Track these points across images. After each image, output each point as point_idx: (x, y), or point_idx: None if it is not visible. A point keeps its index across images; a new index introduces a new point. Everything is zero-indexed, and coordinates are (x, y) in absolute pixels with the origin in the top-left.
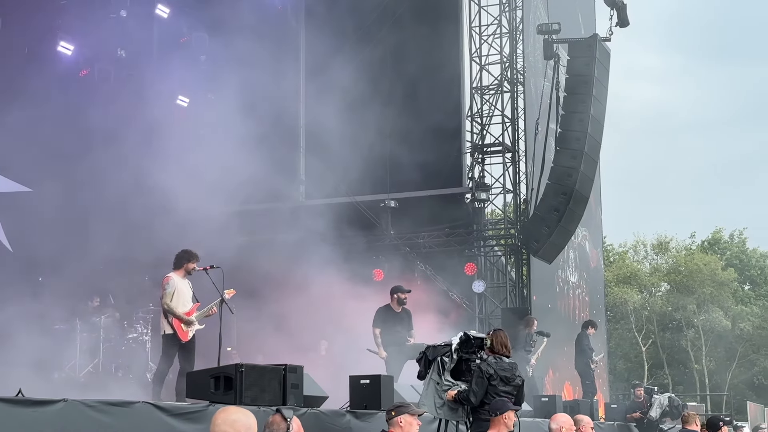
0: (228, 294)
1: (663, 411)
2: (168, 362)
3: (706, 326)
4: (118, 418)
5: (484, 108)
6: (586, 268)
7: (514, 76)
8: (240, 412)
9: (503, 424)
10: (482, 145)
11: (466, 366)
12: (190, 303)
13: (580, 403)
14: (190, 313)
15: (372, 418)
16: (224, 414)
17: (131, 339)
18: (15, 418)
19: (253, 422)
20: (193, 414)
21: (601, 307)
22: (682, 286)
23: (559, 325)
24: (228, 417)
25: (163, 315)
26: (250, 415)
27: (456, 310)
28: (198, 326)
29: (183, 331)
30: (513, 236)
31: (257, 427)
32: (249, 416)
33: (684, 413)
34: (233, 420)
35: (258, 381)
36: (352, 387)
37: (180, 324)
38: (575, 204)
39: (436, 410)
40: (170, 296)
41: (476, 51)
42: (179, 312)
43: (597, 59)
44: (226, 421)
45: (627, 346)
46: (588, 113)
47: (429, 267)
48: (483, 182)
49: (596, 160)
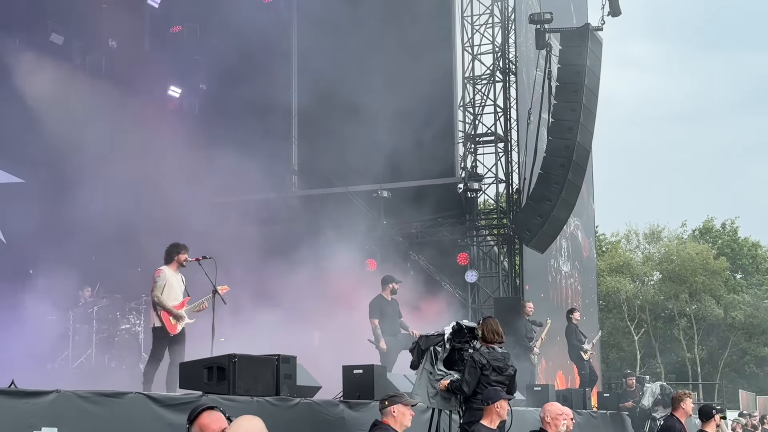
0: (222, 290)
1: (655, 400)
2: (158, 355)
3: (699, 315)
4: (111, 408)
5: (476, 98)
6: (579, 257)
7: (506, 66)
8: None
9: (495, 413)
10: (474, 134)
11: (459, 356)
12: (180, 297)
13: (573, 392)
14: (179, 306)
15: (365, 408)
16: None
17: (124, 330)
18: (8, 408)
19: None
20: (186, 404)
21: (594, 296)
22: (675, 275)
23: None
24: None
25: (153, 308)
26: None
27: (448, 300)
28: (188, 320)
29: (171, 324)
30: (505, 226)
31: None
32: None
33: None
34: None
35: (251, 371)
36: (346, 377)
37: (168, 317)
38: (567, 193)
39: (429, 400)
40: (161, 289)
41: (468, 41)
42: (169, 305)
43: (589, 49)
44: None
45: (619, 336)
46: (580, 103)
47: (422, 257)
48: (475, 172)
49: (588, 150)
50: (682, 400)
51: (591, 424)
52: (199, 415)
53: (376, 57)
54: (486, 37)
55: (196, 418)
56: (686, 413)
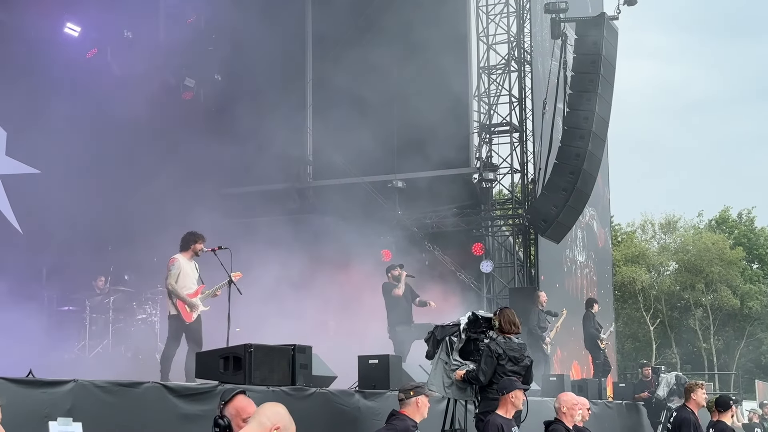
0: (235, 277)
1: (670, 390)
2: (174, 343)
3: (715, 305)
4: (128, 398)
5: (491, 88)
6: (594, 247)
7: (521, 56)
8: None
9: (510, 403)
10: (489, 124)
11: (475, 346)
12: (195, 285)
13: (588, 382)
14: (194, 294)
15: (380, 398)
16: (273, 407)
17: (140, 320)
18: (26, 398)
19: (292, 427)
20: (202, 394)
21: (609, 286)
22: (691, 265)
23: (567, 305)
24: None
25: (168, 296)
26: (293, 423)
27: (464, 290)
28: (203, 308)
29: (187, 312)
30: (521, 216)
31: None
32: (292, 423)
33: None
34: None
35: (267, 361)
36: (361, 367)
37: (184, 306)
38: (583, 183)
39: (445, 390)
40: (175, 277)
41: (483, 30)
42: (182, 294)
43: (605, 38)
44: (273, 409)
45: (635, 326)
46: (596, 92)
47: (437, 247)
48: (490, 162)
49: (604, 140)
50: (694, 390)
51: (606, 414)
52: (235, 397)
53: (390, 48)
54: (501, 27)
55: (231, 401)
56: (698, 404)
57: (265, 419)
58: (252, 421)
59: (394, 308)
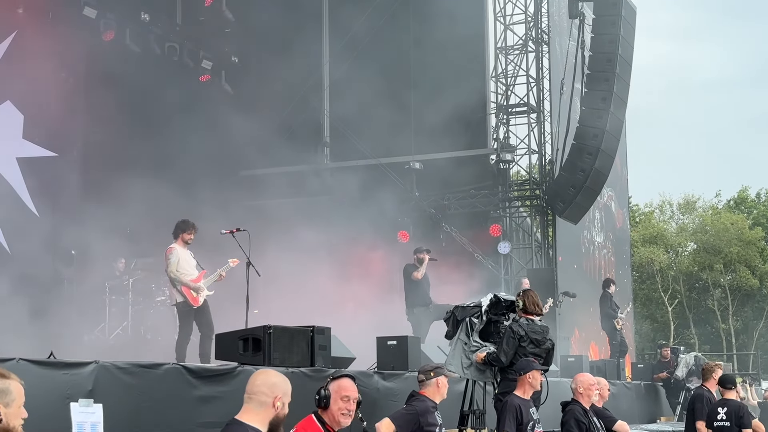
0: (232, 263)
1: (689, 370)
2: (187, 329)
3: (733, 285)
4: (148, 379)
5: (508, 68)
6: (612, 228)
7: (538, 36)
8: (279, 376)
9: (528, 383)
10: (507, 105)
11: (495, 328)
12: (195, 271)
13: (606, 363)
14: (197, 280)
15: (399, 379)
16: (264, 376)
17: (159, 302)
18: (48, 379)
19: (289, 389)
20: (221, 376)
21: (627, 267)
22: (709, 245)
23: (584, 286)
24: (268, 379)
25: (172, 285)
26: (287, 382)
27: (481, 272)
28: (207, 292)
29: (193, 296)
30: (538, 197)
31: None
32: (287, 382)
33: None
34: (273, 383)
35: (286, 342)
36: (380, 348)
37: (189, 290)
38: (601, 164)
39: (463, 371)
40: (175, 265)
41: (500, 11)
42: (186, 279)
43: (623, 17)
44: (266, 383)
45: (653, 307)
46: (614, 72)
47: (454, 228)
48: (508, 143)
49: (622, 120)
50: (713, 371)
51: (625, 394)
52: (342, 377)
53: (408, 28)
54: (518, 7)
55: (337, 379)
56: (717, 384)
57: (263, 396)
58: (250, 402)
59: (413, 290)
